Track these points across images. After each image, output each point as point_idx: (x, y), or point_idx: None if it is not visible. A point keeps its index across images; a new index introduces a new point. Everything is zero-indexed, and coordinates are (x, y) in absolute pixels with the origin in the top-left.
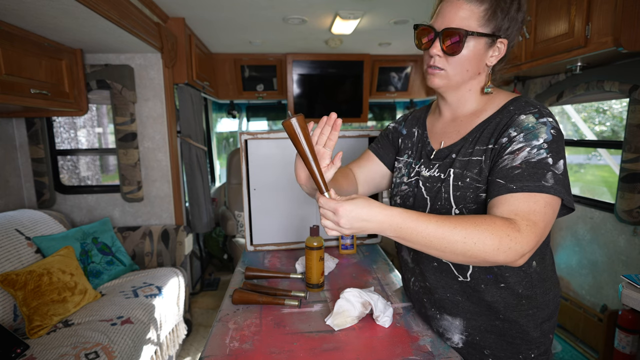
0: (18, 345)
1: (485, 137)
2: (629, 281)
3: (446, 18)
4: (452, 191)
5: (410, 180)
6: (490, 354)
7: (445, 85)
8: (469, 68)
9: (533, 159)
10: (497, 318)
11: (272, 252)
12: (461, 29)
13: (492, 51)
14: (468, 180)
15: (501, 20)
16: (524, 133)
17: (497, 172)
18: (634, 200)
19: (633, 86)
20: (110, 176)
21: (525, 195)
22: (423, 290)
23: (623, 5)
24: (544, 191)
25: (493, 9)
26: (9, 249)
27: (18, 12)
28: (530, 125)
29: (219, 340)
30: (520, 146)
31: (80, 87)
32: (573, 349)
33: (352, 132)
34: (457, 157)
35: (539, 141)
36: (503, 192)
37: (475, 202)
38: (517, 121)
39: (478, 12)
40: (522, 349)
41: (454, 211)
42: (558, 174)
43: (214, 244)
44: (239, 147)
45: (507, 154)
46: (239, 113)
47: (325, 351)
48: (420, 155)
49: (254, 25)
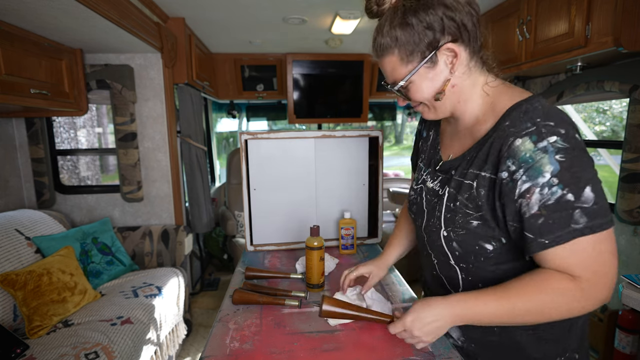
0: (18, 345)
1: (479, 159)
2: (629, 281)
3: (385, 76)
4: (444, 212)
5: (417, 187)
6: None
7: (437, 116)
8: (433, 94)
9: (549, 201)
10: (492, 334)
11: (272, 252)
12: (396, 82)
13: (443, 63)
14: (458, 204)
15: (418, 41)
16: (523, 168)
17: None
18: (634, 200)
19: (633, 86)
20: (110, 176)
21: (563, 247)
22: (429, 292)
23: (623, 5)
24: (580, 236)
25: (402, 45)
26: (8, 249)
27: (18, 12)
28: (527, 155)
29: (219, 340)
30: (527, 187)
31: (80, 87)
32: None
33: (352, 132)
34: (454, 175)
35: (545, 177)
36: (539, 249)
37: (464, 228)
38: (512, 149)
39: (395, 59)
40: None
41: (442, 232)
42: (588, 206)
43: (214, 244)
44: (239, 147)
45: (518, 197)
46: (239, 113)
47: (326, 351)
48: (430, 162)
49: (254, 25)
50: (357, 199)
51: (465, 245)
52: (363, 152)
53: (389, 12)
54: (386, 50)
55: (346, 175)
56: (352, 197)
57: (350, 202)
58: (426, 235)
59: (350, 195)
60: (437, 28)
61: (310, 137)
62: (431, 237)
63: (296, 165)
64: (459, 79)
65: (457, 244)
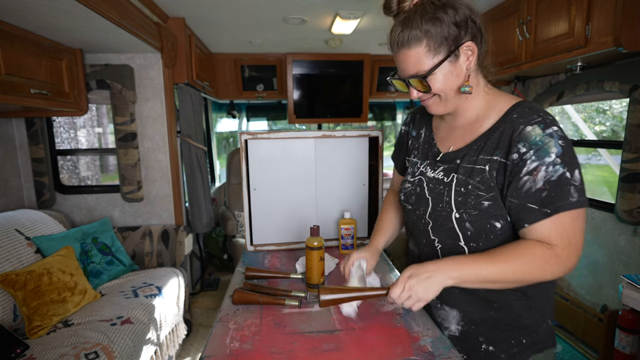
0: (18, 345)
1: (490, 146)
2: (629, 281)
3: (403, 69)
4: (454, 196)
5: (414, 179)
6: (485, 340)
7: (445, 110)
8: (452, 87)
9: (553, 177)
10: (492, 308)
11: (272, 252)
12: (419, 73)
13: (462, 60)
14: (470, 187)
15: (446, 36)
16: (533, 149)
17: (524, 196)
18: (634, 200)
19: (633, 86)
20: (110, 176)
21: (554, 218)
22: None
23: (623, 5)
24: (572, 207)
25: (432, 37)
26: (8, 249)
27: (18, 12)
28: (537, 139)
29: (219, 340)
30: (535, 165)
31: (80, 87)
32: (573, 349)
33: (352, 132)
34: (461, 163)
35: (551, 157)
36: (541, 217)
37: (476, 209)
38: (523, 135)
39: (422, 50)
40: (515, 335)
41: (454, 215)
42: (578, 185)
43: (214, 244)
44: (239, 147)
45: (525, 175)
46: (239, 113)
47: (326, 351)
48: (426, 156)
49: (254, 25)
50: (357, 199)
51: (477, 225)
52: (363, 152)
53: (417, 8)
54: (414, 42)
55: (346, 175)
56: (352, 197)
57: (350, 202)
58: (432, 221)
59: (350, 195)
60: (463, 26)
61: (310, 137)
62: (439, 222)
63: (296, 165)
64: (470, 76)
65: (470, 224)
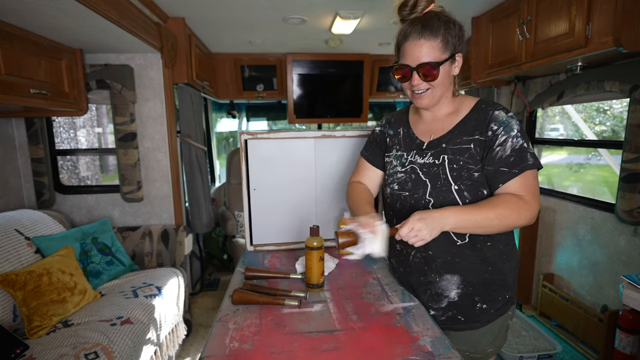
0: (18, 345)
1: (470, 129)
2: (630, 281)
3: (415, 55)
4: (450, 172)
5: (406, 168)
6: (480, 300)
7: (431, 103)
8: (445, 83)
9: (516, 146)
10: (486, 271)
11: (272, 252)
12: (433, 62)
13: (454, 66)
14: (461, 163)
15: (454, 42)
16: (502, 127)
17: (497, 162)
18: (635, 200)
19: (633, 86)
20: (110, 176)
21: (522, 176)
22: (424, 260)
23: (623, 5)
24: (530, 168)
25: (446, 38)
26: (8, 249)
27: (18, 12)
28: (504, 119)
29: (219, 340)
30: (504, 138)
31: (80, 87)
32: (573, 349)
33: (352, 132)
34: (448, 145)
35: (514, 131)
36: (512, 177)
37: (470, 179)
38: (494, 116)
39: (436, 44)
40: (502, 292)
41: (453, 187)
42: (532, 152)
43: (214, 244)
44: (239, 147)
45: (497, 146)
46: (239, 113)
47: (325, 351)
48: (411, 148)
49: (254, 25)
50: None
51: (472, 193)
52: None
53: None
54: (433, 36)
55: (346, 175)
56: None
57: None
58: (433, 199)
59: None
60: (460, 40)
61: (310, 137)
62: (441, 196)
63: (296, 165)
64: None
65: (467, 192)
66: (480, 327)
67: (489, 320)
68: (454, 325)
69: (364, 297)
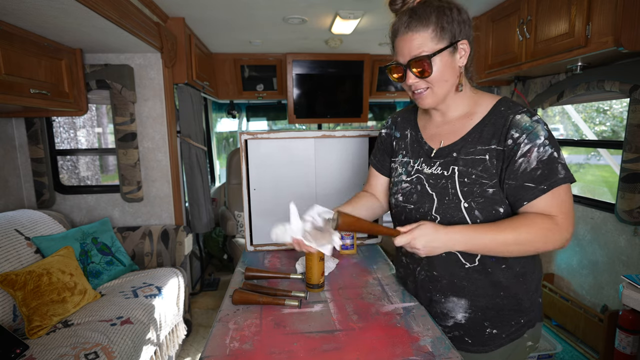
0: (18, 345)
1: (486, 137)
2: (630, 281)
3: (405, 51)
4: (459, 187)
5: (411, 178)
6: (489, 325)
7: (435, 102)
8: (447, 78)
9: (544, 157)
10: (498, 296)
11: (272, 252)
12: (422, 55)
13: (458, 55)
14: (474, 177)
15: (451, 28)
16: (525, 134)
17: (520, 176)
18: (635, 200)
19: (633, 86)
20: (110, 176)
21: (552, 192)
22: (429, 279)
23: (623, 5)
24: (562, 183)
25: (440, 25)
26: (8, 249)
27: (18, 12)
28: (527, 125)
29: (219, 340)
30: (528, 147)
31: (80, 87)
32: (573, 349)
33: (352, 132)
34: (459, 155)
35: (541, 139)
36: (539, 194)
37: (482, 196)
38: (514, 122)
39: (428, 35)
40: (515, 317)
41: (462, 205)
42: (564, 163)
43: (214, 244)
44: (239, 147)
45: (520, 157)
46: (239, 113)
47: (326, 351)
48: (418, 154)
49: (254, 25)
50: None
51: (485, 212)
52: (363, 152)
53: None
54: (422, 26)
55: (346, 175)
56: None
57: None
58: (440, 216)
59: (350, 195)
60: (462, 26)
61: (310, 137)
62: (448, 214)
63: (296, 165)
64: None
65: (479, 211)
66: (489, 351)
67: (500, 344)
68: (461, 345)
69: (364, 297)
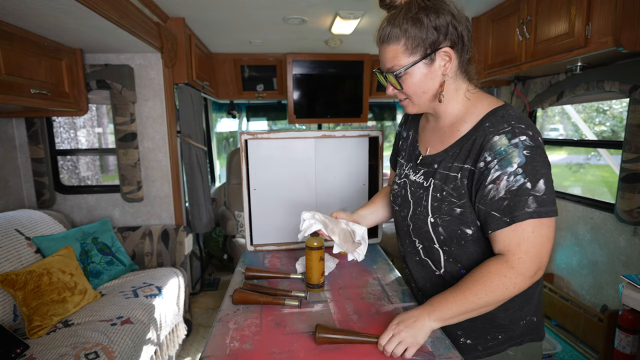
0: (18, 345)
1: (463, 154)
2: (629, 281)
3: (382, 63)
4: (431, 201)
5: (400, 181)
6: (463, 334)
7: (419, 110)
8: (425, 89)
9: (513, 187)
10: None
11: (272, 252)
12: (394, 68)
13: (438, 64)
14: (445, 193)
15: (425, 38)
16: (497, 159)
17: (489, 203)
18: (634, 200)
19: (633, 86)
20: (110, 176)
21: (514, 227)
22: (411, 278)
23: (623, 5)
24: (527, 218)
25: (410, 38)
26: (8, 249)
27: (18, 12)
28: (502, 149)
29: (219, 340)
30: (498, 174)
31: (80, 87)
32: (573, 349)
33: (352, 132)
34: (439, 168)
35: (512, 167)
36: (502, 226)
37: (449, 215)
38: (490, 144)
39: (399, 48)
40: (490, 332)
41: (429, 219)
42: (539, 195)
43: (214, 244)
44: (239, 147)
45: (489, 183)
46: (239, 113)
47: (326, 351)
48: (411, 158)
49: (254, 25)
50: (357, 199)
51: (449, 230)
52: (363, 152)
53: (404, 6)
54: (393, 39)
55: (346, 175)
56: (352, 197)
57: (350, 202)
58: (412, 224)
59: (350, 195)
60: (442, 31)
61: (310, 137)
62: (417, 225)
63: (296, 165)
64: (446, 82)
65: (443, 229)
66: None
67: (477, 357)
68: None
69: (364, 297)
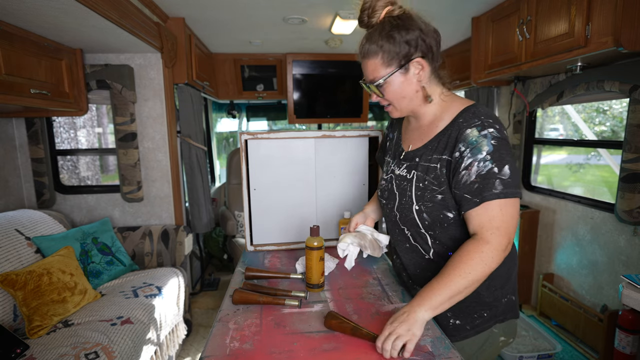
0: (18, 345)
1: (441, 147)
2: (629, 281)
3: (365, 73)
4: (415, 190)
5: (387, 177)
6: (452, 315)
7: (402, 114)
8: (404, 95)
9: (482, 171)
10: None
11: (272, 252)
12: (375, 79)
13: (413, 73)
14: (426, 183)
15: (398, 51)
16: (469, 148)
17: (462, 187)
18: (634, 200)
19: (633, 86)
20: (110, 176)
21: (484, 205)
22: (402, 267)
23: (623, 5)
24: (495, 198)
25: (386, 52)
26: (8, 249)
27: (18, 12)
28: (473, 139)
29: (219, 340)
30: (469, 162)
31: (80, 87)
32: (573, 349)
33: (352, 132)
34: (420, 161)
35: (482, 154)
36: (472, 206)
37: (431, 201)
38: (463, 135)
39: (378, 62)
40: (477, 310)
41: (414, 207)
42: (505, 179)
43: (214, 244)
44: (239, 147)
45: (463, 170)
46: (239, 113)
47: (325, 351)
48: (395, 155)
49: (254, 25)
50: (357, 199)
51: (432, 215)
52: (363, 152)
53: (378, 25)
54: (372, 54)
55: (346, 175)
56: (352, 197)
57: (350, 202)
58: (399, 213)
59: (350, 195)
60: (412, 44)
61: (310, 137)
62: (404, 213)
63: (296, 165)
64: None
65: (427, 214)
66: (455, 341)
67: (465, 336)
68: None
69: (364, 297)
